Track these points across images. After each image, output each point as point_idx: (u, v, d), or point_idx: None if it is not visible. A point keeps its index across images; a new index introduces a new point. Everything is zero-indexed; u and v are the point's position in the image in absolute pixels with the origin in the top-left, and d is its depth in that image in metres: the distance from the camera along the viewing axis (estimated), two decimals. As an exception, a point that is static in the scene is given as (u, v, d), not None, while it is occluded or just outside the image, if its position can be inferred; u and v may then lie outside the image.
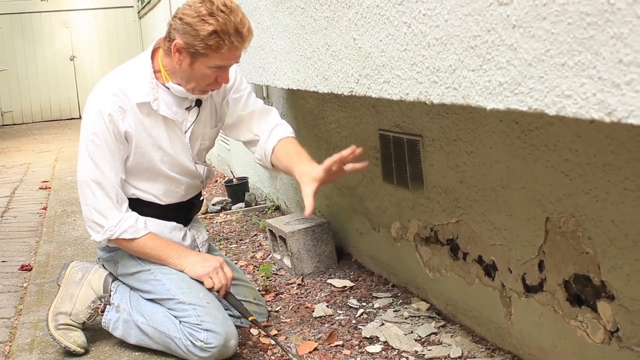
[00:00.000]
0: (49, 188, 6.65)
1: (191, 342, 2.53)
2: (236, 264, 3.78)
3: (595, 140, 1.88)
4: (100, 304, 2.76)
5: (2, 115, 13.52)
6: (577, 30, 1.14)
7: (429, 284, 2.94)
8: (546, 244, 2.15)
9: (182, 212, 2.87)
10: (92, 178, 2.57)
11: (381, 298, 3.12)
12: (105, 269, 2.84)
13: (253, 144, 2.85)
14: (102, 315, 2.76)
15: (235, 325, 2.68)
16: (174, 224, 2.80)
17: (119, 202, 2.60)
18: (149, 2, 11.17)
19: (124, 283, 2.79)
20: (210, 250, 3.00)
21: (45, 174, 7.49)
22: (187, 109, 2.69)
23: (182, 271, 2.62)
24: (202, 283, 2.63)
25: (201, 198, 3.02)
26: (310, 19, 2.33)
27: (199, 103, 2.71)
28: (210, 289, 2.63)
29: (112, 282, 2.79)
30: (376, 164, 3.22)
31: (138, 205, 2.71)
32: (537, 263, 2.21)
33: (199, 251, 2.88)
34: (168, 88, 2.60)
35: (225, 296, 2.68)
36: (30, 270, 3.96)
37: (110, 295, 2.76)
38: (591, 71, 1.12)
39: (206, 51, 2.38)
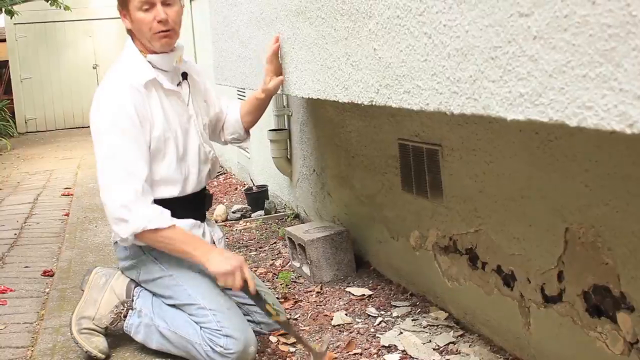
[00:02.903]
0: (72, 195, 6.68)
1: (211, 347, 2.53)
2: (255, 271, 3.78)
3: (615, 151, 1.87)
4: (123, 309, 2.77)
5: (26, 122, 13.60)
6: (598, 42, 1.13)
7: (447, 293, 2.93)
8: (565, 254, 2.14)
9: (196, 207, 2.88)
10: (117, 172, 2.57)
11: (400, 307, 3.10)
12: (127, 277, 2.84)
13: (220, 123, 3.16)
14: (125, 320, 2.77)
15: (254, 332, 2.68)
16: (192, 221, 2.80)
17: (144, 195, 2.58)
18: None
19: (146, 289, 2.79)
20: None
21: (67, 181, 7.53)
22: (178, 85, 2.79)
23: (204, 265, 2.58)
24: (216, 281, 2.61)
25: (207, 190, 3.02)
26: (331, 29, 2.33)
27: (184, 76, 2.84)
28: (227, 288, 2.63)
29: (135, 287, 2.80)
30: (395, 173, 3.22)
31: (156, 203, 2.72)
32: (557, 273, 2.20)
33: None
34: (151, 63, 2.70)
35: (250, 292, 2.62)
36: (52, 275, 3.97)
37: (132, 300, 2.77)
38: (612, 83, 1.11)
39: None
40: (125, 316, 2.77)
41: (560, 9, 1.20)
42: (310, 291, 3.44)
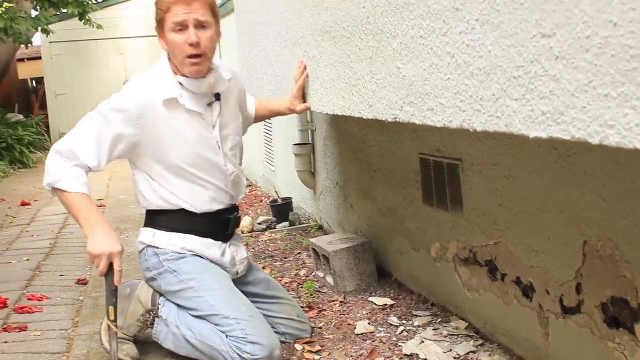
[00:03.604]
0: (104, 206, 6.72)
1: (238, 355, 2.52)
2: (280, 281, 3.78)
3: (634, 167, 1.85)
4: (149, 317, 2.76)
5: (60, 136, 13.67)
6: (620, 63, 1.12)
7: (467, 303, 2.91)
8: (584, 267, 2.12)
9: (218, 228, 2.81)
10: (76, 140, 2.58)
11: (421, 316, 3.09)
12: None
13: None
14: (152, 327, 2.77)
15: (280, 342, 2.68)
16: (211, 240, 2.76)
17: (71, 159, 2.56)
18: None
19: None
20: (252, 269, 2.98)
21: (100, 193, 7.57)
22: (209, 105, 2.71)
23: (86, 239, 2.56)
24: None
25: (237, 214, 2.93)
26: (356, 49, 2.34)
27: (218, 97, 2.74)
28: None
29: (160, 296, 2.78)
30: (417, 186, 3.21)
31: (174, 219, 2.71)
32: (575, 285, 2.18)
33: (237, 271, 2.86)
34: (181, 84, 2.64)
35: (110, 283, 2.60)
36: (86, 284, 3.99)
37: (158, 309, 2.76)
38: (634, 102, 1.10)
39: (161, 16, 2.58)
40: (152, 324, 2.77)
41: (583, 31, 1.20)
42: (334, 301, 3.43)
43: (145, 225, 2.80)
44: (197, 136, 2.67)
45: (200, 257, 2.73)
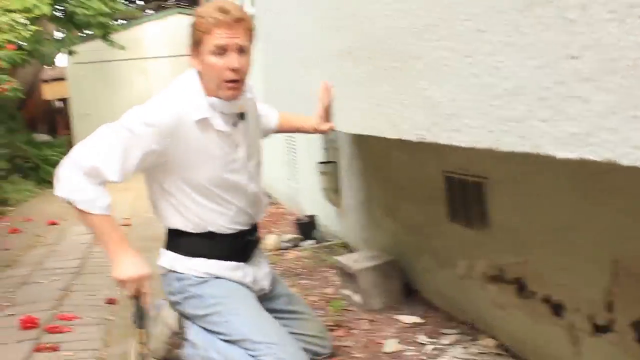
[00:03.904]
0: (129, 225, 6.76)
1: None
2: (307, 299, 3.77)
3: (663, 184, 1.84)
4: (176, 340, 2.74)
5: (84, 156, 13.80)
6: (649, 84, 1.12)
7: (496, 321, 2.89)
8: (615, 285, 2.10)
9: (239, 250, 2.76)
10: (101, 152, 2.43)
11: (449, 334, 3.07)
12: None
13: None
14: (179, 349, 2.76)
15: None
16: (233, 263, 2.70)
17: (93, 177, 2.42)
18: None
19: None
20: (275, 283, 2.94)
21: (125, 211, 7.61)
22: (234, 124, 2.64)
23: (111, 263, 2.50)
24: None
25: (257, 235, 2.89)
26: (378, 69, 2.34)
27: (242, 116, 2.68)
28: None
29: (187, 319, 2.73)
30: (442, 204, 3.20)
31: (195, 242, 2.65)
32: (606, 304, 2.15)
33: (262, 287, 2.80)
34: (212, 104, 2.57)
35: (139, 306, 2.56)
36: (115, 303, 4.01)
37: (184, 331, 2.71)
38: (664, 124, 1.09)
39: (200, 37, 2.47)
40: (179, 346, 2.75)
41: (610, 52, 1.19)
42: (361, 319, 3.42)
43: (167, 247, 2.74)
44: (225, 156, 2.62)
45: (224, 279, 2.68)
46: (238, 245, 2.74)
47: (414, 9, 2.00)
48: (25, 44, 7.54)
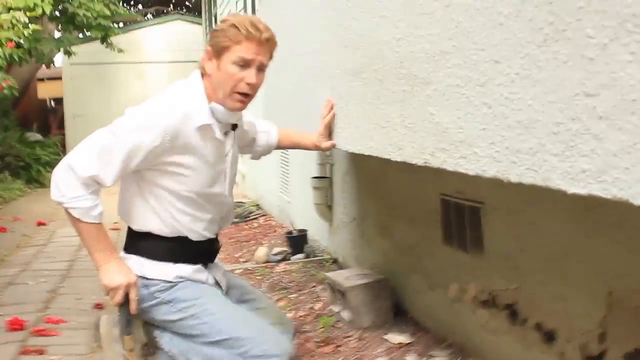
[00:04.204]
0: (118, 229, 6.73)
1: None
2: (295, 313, 3.78)
3: (663, 221, 1.86)
4: (146, 352, 2.64)
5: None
6: (666, 127, 1.13)
7: (486, 345, 2.90)
8: (608, 317, 2.12)
9: (205, 256, 2.70)
10: (98, 157, 2.36)
11: (438, 356, 3.08)
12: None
13: (249, 146, 3.04)
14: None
15: None
16: (198, 266, 2.62)
17: (90, 186, 2.37)
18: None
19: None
20: (227, 278, 2.85)
21: (116, 216, 7.57)
22: (225, 133, 2.61)
23: (98, 271, 2.44)
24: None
25: (219, 242, 2.83)
26: (387, 91, 2.35)
27: (234, 128, 2.67)
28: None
29: (155, 328, 2.63)
30: (436, 226, 3.21)
31: (165, 247, 2.56)
32: (598, 334, 2.17)
33: (222, 286, 2.72)
34: (211, 109, 2.53)
35: (126, 313, 2.51)
36: (102, 308, 4.00)
37: (156, 340, 2.62)
38: (679, 167, 1.11)
39: (228, 44, 2.43)
40: (151, 355, 2.65)
41: (628, 93, 1.21)
42: (350, 336, 3.42)
43: (128, 252, 2.61)
44: (215, 165, 2.59)
45: (190, 281, 2.60)
46: (204, 251, 2.69)
47: (428, 34, 2.02)
48: (24, 42, 7.50)
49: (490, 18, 1.67)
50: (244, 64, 2.45)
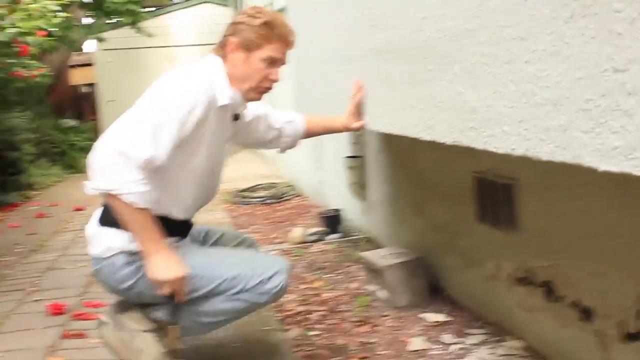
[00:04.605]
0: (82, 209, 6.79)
1: (271, 294, 2.53)
2: (331, 293, 3.80)
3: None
4: (160, 333, 2.62)
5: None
6: (697, 102, 1.11)
7: (523, 323, 2.88)
8: (646, 293, 2.09)
9: (187, 230, 2.73)
10: (149, 137, 2.31)
11: (475, 334, 3.07)
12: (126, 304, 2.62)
13: (276, 139, 3.06)
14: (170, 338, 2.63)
15: None
16: (174, 239, 2.60)
17: (145, 170, 2.30)
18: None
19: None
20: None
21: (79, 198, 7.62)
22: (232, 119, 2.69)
23: (145, 260, 2.39)
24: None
25: (193, 223, 2.79)
26: (414, 70, 2.33)
27: (237, 117, 2.72)
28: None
29: (146, 308, 2.62)
30: (470, 204, 3.19)
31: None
32: (636, 311, 2.15)
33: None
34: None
35: (174, 304, 2.51)
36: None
37: (157, 319, 2.61)
38: None
39: (260, 42, 2.51)
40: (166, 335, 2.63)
41: (658, 68, 1.19)
42: (386, 315, 3.43)
43: (105, 225, 2.52)
44: (218, 148, 2.62)
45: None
46: (182, 227, 2.68)
47: (452, 13, 2.00)
48: (56, 29, 7.55)
49: (515, -6, 1.65)
50: (272, 63, 2.55)
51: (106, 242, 2.50)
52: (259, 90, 2.60)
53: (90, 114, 15.05)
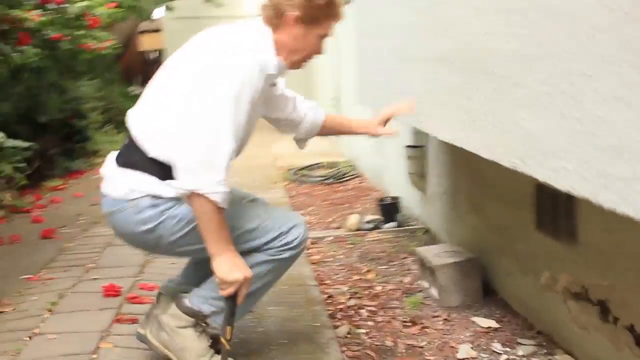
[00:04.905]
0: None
1: (292, 248, 2.60)
2: (384, 287, 3.80)
3: None
4: (203, 325, 2.66)
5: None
6: None
7: (575, 338, 2.82)
8: None
9: None
10: (223, 134, 2.34)
11: (526, 345, 3.01)
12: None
13: (298, 122, 3.02)
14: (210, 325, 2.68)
15: None
16: None
17: (227, 170, 2.36)
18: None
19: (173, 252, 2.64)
20: None
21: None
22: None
23: (211, 258, 2.41)
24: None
25: None
26: (475, 85, 2.27)
27: (274, 84, 2.77)
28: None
29: (183, 299, 2.66)
30: (530, 210, 3.12)
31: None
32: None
33: None
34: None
35: (233, 305, 2.51)
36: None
37: (199, 313, 2.65)
38: None
39: (322, 20, 2.55)
40: (207, 324, 2.67)
41: None
42: (437, 316, 3.39)
43: (130, 167, 2.52)
44: (257, 108, 2.59)
45: None
46: None
47: (518, 34, 1.93)
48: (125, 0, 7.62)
49: (583, 29, 1.58)
50: (324, 37, 2.62)
51: (130, 184, 2.49)
52: (304, 62, 2.66)
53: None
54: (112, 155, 2.65)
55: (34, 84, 6.67)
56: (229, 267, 2.42)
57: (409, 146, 4.86)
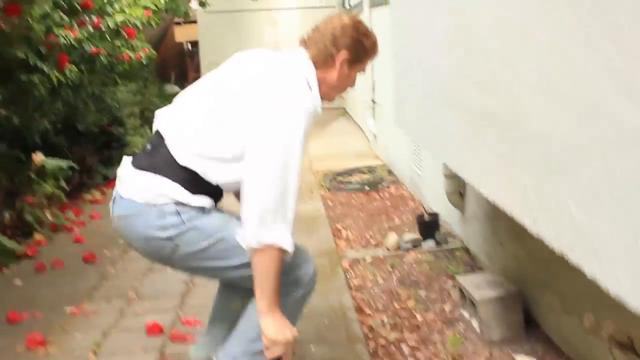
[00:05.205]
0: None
1: (300, 285, 2.57)
2: (425, 315, 3.80)
3: None
4: None
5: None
6: None
7: (621, 389, 2.78)
8: None
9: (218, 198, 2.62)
10: (295, 182, 2.37)
11: (569, 388, 2.98)
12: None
13: None
14: None
15: None
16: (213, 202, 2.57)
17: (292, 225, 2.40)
18: (350, 9, 11.23)
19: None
20: None
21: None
22: None
23: (259, 314, 2.37)
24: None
25: None
26: (522, 156, 2.20)
27: None
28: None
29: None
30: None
31: (202, 188, 2.46)
32: None
33: None
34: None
35: None
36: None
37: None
38: None
39: (365, 59, 2.69)
40: None
41: None
42: (479, 354, 3.36)
43: (155, 173, 2.46)
44: None
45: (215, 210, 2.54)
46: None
47: (566, 120, 1.87)
48: (160, 5, 7.61)
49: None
50: (361, 72, 2.74)
51: (156, 189, 2.43)
52: (340, 94, 2.77)
53: (194, 72, 15.24)
54: (127, 158, 2.60)
55: (72, 99, 6.70)
56: (279, 327, 2.38)
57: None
